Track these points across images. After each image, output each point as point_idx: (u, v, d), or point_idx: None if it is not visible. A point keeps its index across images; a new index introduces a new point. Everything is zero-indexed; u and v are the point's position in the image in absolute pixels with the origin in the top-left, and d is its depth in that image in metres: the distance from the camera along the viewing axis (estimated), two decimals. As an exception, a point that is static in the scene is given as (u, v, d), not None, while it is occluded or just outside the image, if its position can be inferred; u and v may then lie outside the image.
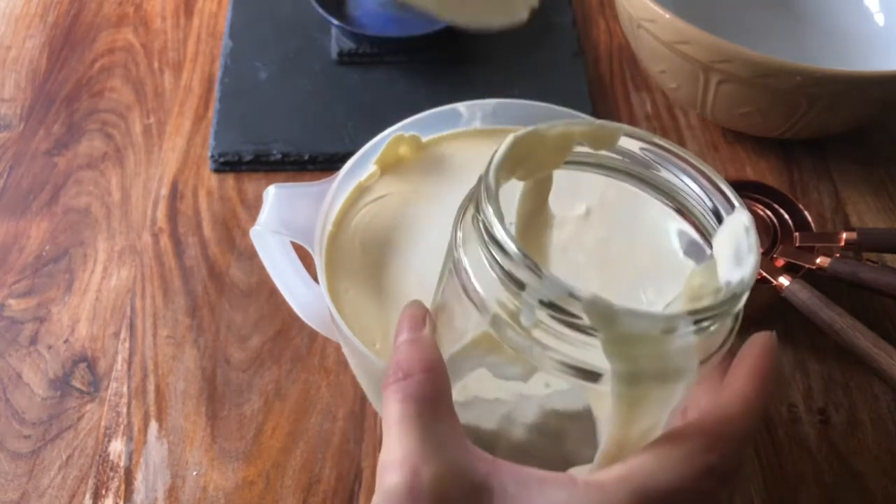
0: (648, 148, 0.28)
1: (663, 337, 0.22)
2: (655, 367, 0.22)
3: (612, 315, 0.21)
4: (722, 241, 0.26)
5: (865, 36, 0.63)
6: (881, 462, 0.45)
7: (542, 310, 0.22)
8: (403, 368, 0.26)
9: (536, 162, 0.28)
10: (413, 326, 0.28)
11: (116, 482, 0.44)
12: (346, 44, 0.63)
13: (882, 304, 0.51)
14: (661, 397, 0.24)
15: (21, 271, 0.52)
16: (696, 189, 0.28)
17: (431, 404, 0.26)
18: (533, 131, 0.27)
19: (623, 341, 0.22)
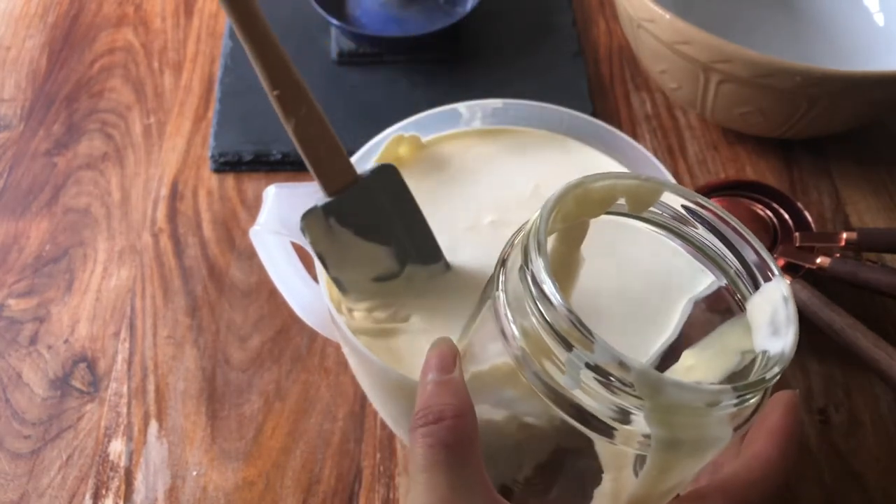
0: (690, 206, 0.28)
1: (706, 409, 0.22)
2: (694, 436, 0.23)
3: (660, 386, 0.21)
4: (758, 306, 0.26)
5: (865, 36, 0.63)
6: (881, 462, 0.45)
7: (588, 371, 0.22)
8: (434, 412, 0.26)
9: (579, 214, 0.28)
10: (443, 366, 0.27)
11: (116, 482, 0.44)
12: (346, 44, 0.63)
13: (882, 304, 0.51)
14: (693, 463, 0.24)
15: (21, 271, 0.52)
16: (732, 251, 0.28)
17: (461, 450, 0.25)
18: (580, 185, 0.27)
19: (666, 410, 0.22)
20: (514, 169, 0.43)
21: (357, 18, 0.64)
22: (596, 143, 0.44)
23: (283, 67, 0.35)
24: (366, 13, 0.64)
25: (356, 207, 0.35)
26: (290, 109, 0.35)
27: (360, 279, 0.35)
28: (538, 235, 0.24)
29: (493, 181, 0.43)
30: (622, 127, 0.60)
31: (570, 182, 0.27)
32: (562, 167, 0.43)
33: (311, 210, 0.35)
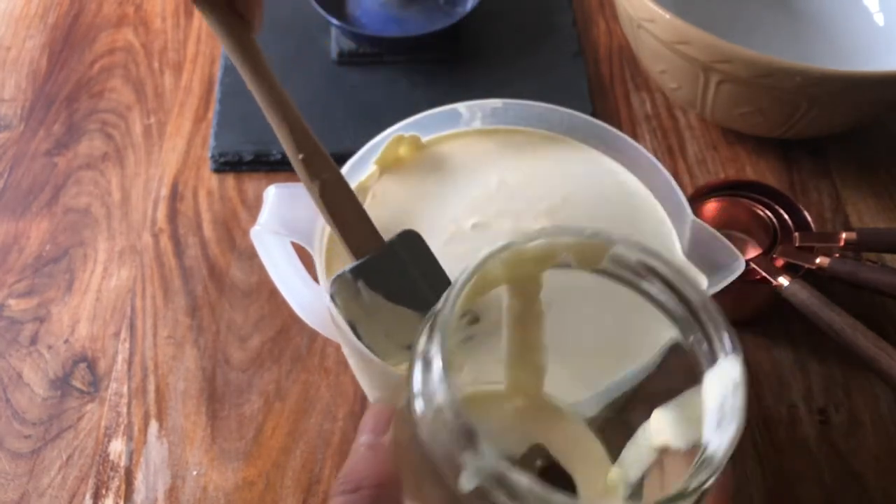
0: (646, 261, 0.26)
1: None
2: None
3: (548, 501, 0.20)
4: (711, 385, 0.24)
5: (865, 36, 0.63)
6: (881, 462, 0.45)
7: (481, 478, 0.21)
8: (354, 480, 0.25)
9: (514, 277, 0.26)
10: (375, 429, 0.27)
11: (117, 482, 0.44)
12: (346, 44, 0.63)
13: (882, 304, 0.51)
14: None
15: (21, 271, 0.52)
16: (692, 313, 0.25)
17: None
18: (507, 248, 0.25)
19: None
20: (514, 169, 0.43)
21: (357, 18, 0.64)
22: (596, 143, 0.44)
23: (305, 131, 0.36)
24: (366, 13, 0.65)
25: (384, 271, 0.34)
26: (315, 172, 0.35)
27: (392, 347, 0.34)
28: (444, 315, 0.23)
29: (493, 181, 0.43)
30: (622, 127, 0.60)
31: (493, 247, 0.25)
32: (562, 167, 0.43)
33: (339, 275, 0.33)
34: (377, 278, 0.33)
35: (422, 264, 0.34)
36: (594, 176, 0.43)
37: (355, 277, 0.33)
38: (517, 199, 0.42)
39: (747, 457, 0.45)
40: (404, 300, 0.33)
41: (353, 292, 0.33)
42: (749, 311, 0.50)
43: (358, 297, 0.33)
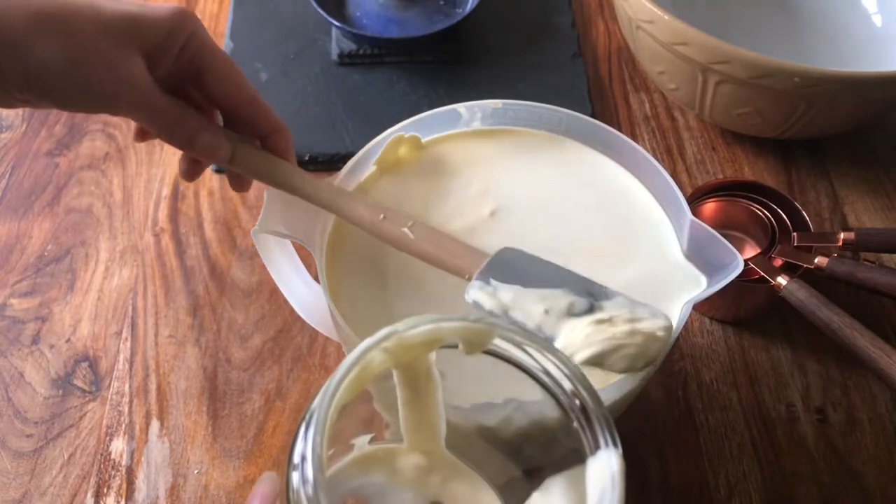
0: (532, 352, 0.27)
1: None
2: None
3: None
4: (592, 475, 0.25)
5: (863, 37, 0.63)
6: (879, 461, 0.45)
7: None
8: None
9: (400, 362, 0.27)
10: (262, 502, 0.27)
11: (118, 481, 0.44)
12: (347, 44, 0.63)
13: (880, 304, 0.51)
14: None
15: (23, 271, 0.53)
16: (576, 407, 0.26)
17: None
18: (390, 335, 0.25)
19: None
20: (514, 169, 0.44)
21: (357, 19, 0.64)
22: (595, 143, 0.44)
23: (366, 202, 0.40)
24: (366, 14, 0.65)
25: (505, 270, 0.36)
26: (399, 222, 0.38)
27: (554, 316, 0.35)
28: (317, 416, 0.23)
29: (492, 181, 0.43)
30: (621, 127, 0.61)
31: (374, 337, 0.25)
32: (561, 167, 0.44)
33: (475, 281, 0.36)
34: (505, 276, 0.35)
35: (527, 259, 0.37)
36: (593, 176, 0.43)
37: (486, 281, 0.36)
38: (517, 199, 0.42)
39: (746, 455, 0.45)
40: (536, 283, 0.35)
41: (492, 291, 0.35)
42: (747, 310, 0.50)
43: (497, 293, 0.35)
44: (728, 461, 0.45)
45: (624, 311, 0.33)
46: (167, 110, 0.36)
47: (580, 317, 0.33)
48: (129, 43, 0.34)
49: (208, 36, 0.38)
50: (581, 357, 0.32)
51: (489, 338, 0.27)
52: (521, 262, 0.36)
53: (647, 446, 0.45)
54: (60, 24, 0.33)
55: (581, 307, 0.33)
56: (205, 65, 0.37)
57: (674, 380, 0.48)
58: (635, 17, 0.54)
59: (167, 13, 0.36)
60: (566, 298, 0.34)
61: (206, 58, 0.37)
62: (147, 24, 0.35)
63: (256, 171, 0.39)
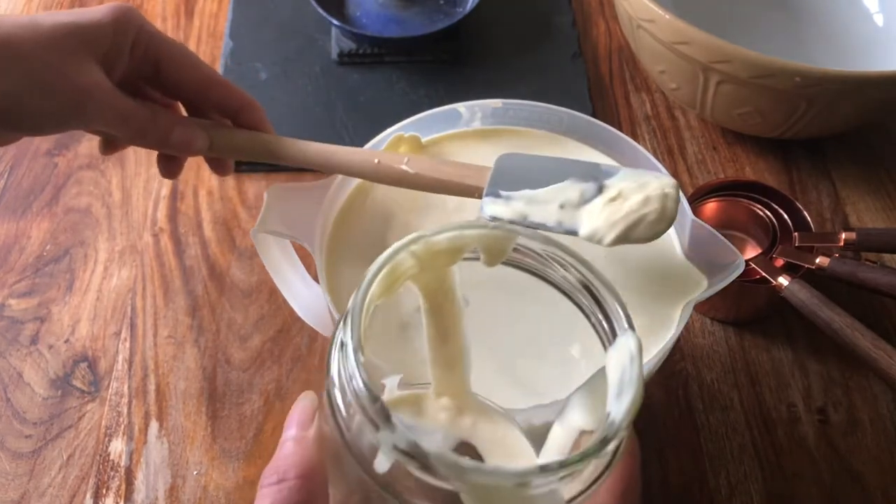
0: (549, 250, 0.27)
1: (518, 488, 0.21)
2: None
3: (460, 469, 0.21)
4: (612, 361, 0.26)
5: (864, 36, 0.63)
6: (880, 461, 0.45)
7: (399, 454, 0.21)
8: (279, 472, 0.26)
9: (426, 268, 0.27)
10: (301, 423, 0.28)
11: (117, 482, 0.44)
12: (347, 44, 0.63)
13: (881, 304, 0.51)
14: None
15: (22, 271, 0.53)
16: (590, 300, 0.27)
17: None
18: (418, 239, 0.26)
19: (479, 491, 0.21)
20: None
21: (357, 19, 0.64)
22: (595, 143, 0.44)
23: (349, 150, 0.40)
24: (366, 14, 0.65)
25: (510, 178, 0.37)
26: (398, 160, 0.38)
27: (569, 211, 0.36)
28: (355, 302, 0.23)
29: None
30: (622, 127, 0.60)
31: (403, 240, 0.26)
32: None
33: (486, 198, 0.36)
34: (512, 184, 0.36)
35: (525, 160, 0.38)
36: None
37: (496, 195, 0.36)
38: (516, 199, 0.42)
39: (747, 456, 0.45)
40: (544, 182, 0.36)
41: (506, 202, 0.36)
42: (749, 310, 0.50)
43: (510, 202, 0.36)
44: (729, 461, 0.45)
45: (630, 183, 0.35)
46: (136, 111, 0.36)
47: (593, 201, 0.35)
48: (80, 52, 0.34)
49: (153, 26, 0.37)
50: (609, 239, 0.34)
51: (509, 243, 0.27)
52: (522, 165, 0.37)
53: (647, 446, 0.45)
54: (4, 50, 0.32)
55: (591, 192, 0.35)
56: (160, 54, 0.37)
57: (674, 380, 0.48)
58: (636, 17, 0.54)
59: (107, 12, 0.35)
60: (575, 188, 0.35)
61: (159, 47, 0.37)
62: (90, 28, 0.34)
63: (238, 150, 0.39)
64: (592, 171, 0.36)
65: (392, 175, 0.38)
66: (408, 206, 0.42)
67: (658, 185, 0.34)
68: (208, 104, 0.39)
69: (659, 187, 0.34)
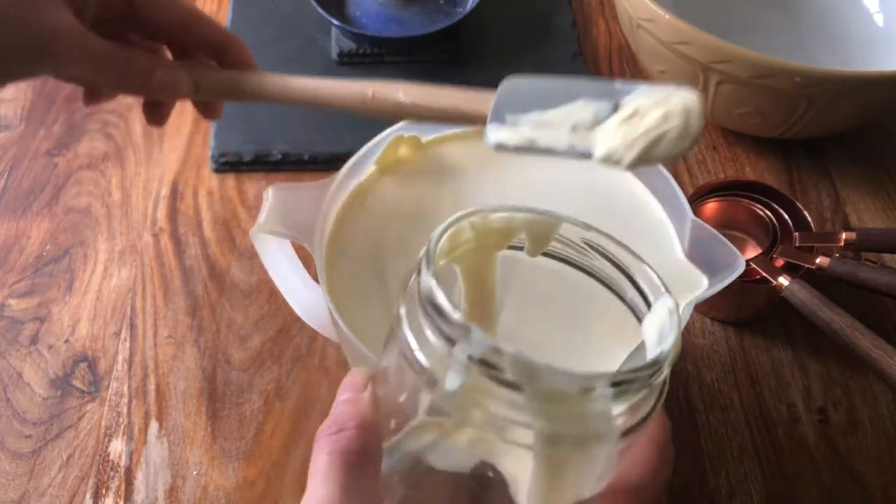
0: (587, 237, 0.29)
1: (582, 396, 0.23)
2: (575, 430, 0.23)
3: (533, 370, 0.22)
4: (649, 328, 0.27)
5: (864, 36, 0.63)
6: (880, 461, 0.45)
7: (472, 365, 0.23)
8: (337, 423, 0.27)
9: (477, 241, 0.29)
10: (353, 388, 0.28)
11: (117, 482, 0.44)
12: (347, 44, 0.63)
13: (881, 304, 0.51)
14: (580, 463, 0.24)
15: (22, 271, 0.53)
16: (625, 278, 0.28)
17: (358, 459, 0.26)
18: (477, 212, 0.28)
19: (544, 398, 0.22)
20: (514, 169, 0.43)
21: (357, 19, 0.64)
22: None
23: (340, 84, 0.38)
24: (366, 13, 0.65)
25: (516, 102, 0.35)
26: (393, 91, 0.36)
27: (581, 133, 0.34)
28: (430, 243, 0.26)
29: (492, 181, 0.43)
30: (622, 127, 0.60)
31: (466, 210, 0.27)
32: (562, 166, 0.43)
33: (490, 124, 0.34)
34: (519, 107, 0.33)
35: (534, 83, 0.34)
36: (593, 176, 0.43)
37: (501, 121, 0.34)
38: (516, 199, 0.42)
39: (747, 456, 0.45)
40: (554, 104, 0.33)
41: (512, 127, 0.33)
42: (749, 311, 0.50)
43: (516, 128, 0.33)
44: (729, 461, 0.45)
45: (647, 99, 0.32)
46: (111, 53, 0.34)
47: (607, 121, 0.32)
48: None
49: None
50: (628, 160, 0.31)
51: (554, 229, 0.29)
52: (529, 87, 0.34)
53: (647, 447, 0.45)
54: None
55: (605, 111, 0.32)
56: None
57: (675, 380, 0.48)
58: (636, 16, 0.54)
59: None
60: (588, 108, 0.32)
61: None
62: None
63: (226, 92, 0.38)
64: (607, 90, 0.32)
65: (387, 107, 0.36)
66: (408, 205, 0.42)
67: (679, 100, 0.31)
68: (191, 44, 0.37)
69: (680, 101, 0.31)
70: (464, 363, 0.23)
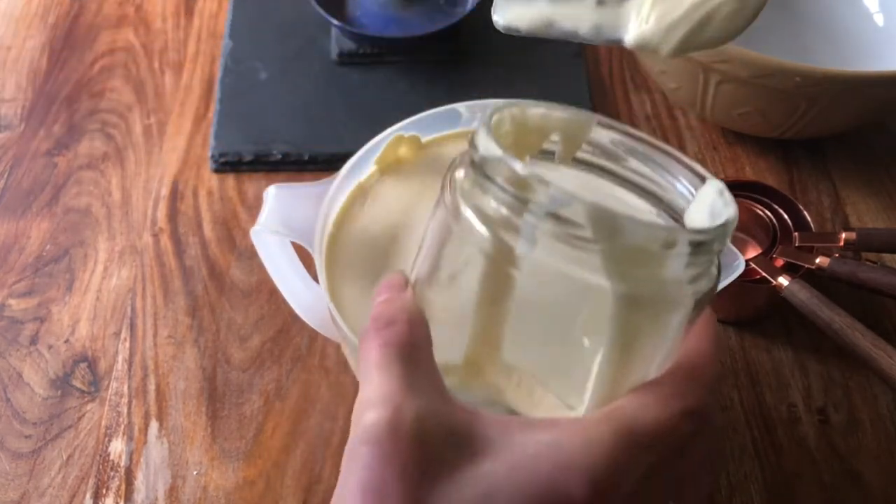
0: (618, 139, 0.28)
1: (662, 253, 0.22)
2: (651, 292, 0.22)
3: (614, 223, 0.21)
4: (696, 208, 0.26)
5: (865, 36, 0.63)
6: (880, 461, 0.45)
7: (547, 223, 0.22)
8: (386, 318, 0.26)
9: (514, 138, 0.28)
10: (393, 288, 0.28)
11: (117, 482, 0.44)
12: (347, 44, 0.63)
13: (881, 304, 0.51)
14: (652, 333, 0.24)
15: (21, 271, 0.53)
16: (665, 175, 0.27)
17: (414, 351, 0.25)
18: (516, 105, 0.27)
19: (622, 257, 0.22)
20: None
21: (357, 19, 0.64)
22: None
23: None
24: (366, 14, 0.65)
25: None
26: None
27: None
28: (485, 118, 0.25)
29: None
30: (622, 127, 0.60)
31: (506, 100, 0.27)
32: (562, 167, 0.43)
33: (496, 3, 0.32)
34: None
35: None
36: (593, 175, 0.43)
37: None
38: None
39: (747, 456, 0.45)
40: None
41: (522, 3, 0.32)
42: (749, 311, 0.50)
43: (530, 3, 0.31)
44: (729, 462, 0.45)
45: None
46: None
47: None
48: None
49: None
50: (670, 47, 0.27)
51: (587, 129, 0.27)
52: None
53: (647, 447, 0.45)
54: None
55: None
56: None
57: (675, 380, 0.48)
58: (636, 17, 0.54)
59: None
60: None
61: None
62: None
63: None
64: None
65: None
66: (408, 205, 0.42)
67: None
68: None
69: None
70: (535, 225, 0.22)
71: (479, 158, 0.24)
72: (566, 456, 0.23)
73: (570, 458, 0.23)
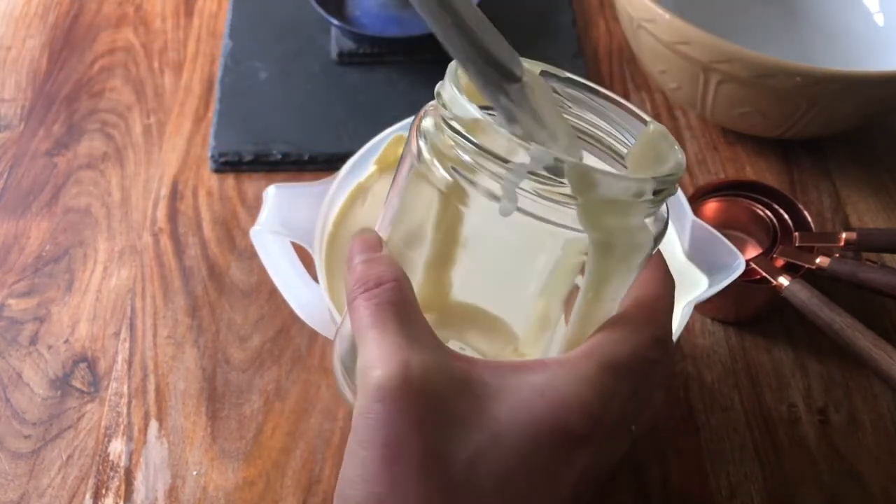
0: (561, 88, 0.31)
1: (631, 202, 0.24)
2: (624, 240, 0.25)
3: (591, 178, 0.23)
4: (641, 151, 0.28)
5: (865, 36, 0.63)
6: (880, 462, 0.45)
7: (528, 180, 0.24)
8: (373, 279, 0.26)
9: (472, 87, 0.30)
10: (368, 248, 0.28)
11: (116, 482, 0.44)
12: (346, 44, 0.63)
13: (882, 304, 0.51)
14: (623, 273, 0.26)
15: (21, 271, 0.52)
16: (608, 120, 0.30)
17: (406, 308, 0.26)
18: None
19: (597, 209, 0.24)
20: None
21: (357, 19, 0.64)
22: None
23: None
24: (366, 13, 0.65)
25: None
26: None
27: None
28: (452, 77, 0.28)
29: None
30: (622, 127, 0.60)
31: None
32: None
33: None
34: None
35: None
36: None
37: None
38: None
39: (747, 457, 0.45)
40: None
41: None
42: (749, 311, 0.50)
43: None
44: (729, 462, 0.45)
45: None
46: None
47: None
48: None
49: None
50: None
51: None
52: None
53: (647, 447, 0.45)
54: None
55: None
56: None
57: (675, 381, 0.48)
58: (636, 17, 0.54)
59: None
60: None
61: None
62: None
63: None
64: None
65: None
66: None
67: None
68: None
69: None
70: (515, 182, 0.23)
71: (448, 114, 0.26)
72: (560, 394, 0.25)
73: (564, 395, 0.25)
